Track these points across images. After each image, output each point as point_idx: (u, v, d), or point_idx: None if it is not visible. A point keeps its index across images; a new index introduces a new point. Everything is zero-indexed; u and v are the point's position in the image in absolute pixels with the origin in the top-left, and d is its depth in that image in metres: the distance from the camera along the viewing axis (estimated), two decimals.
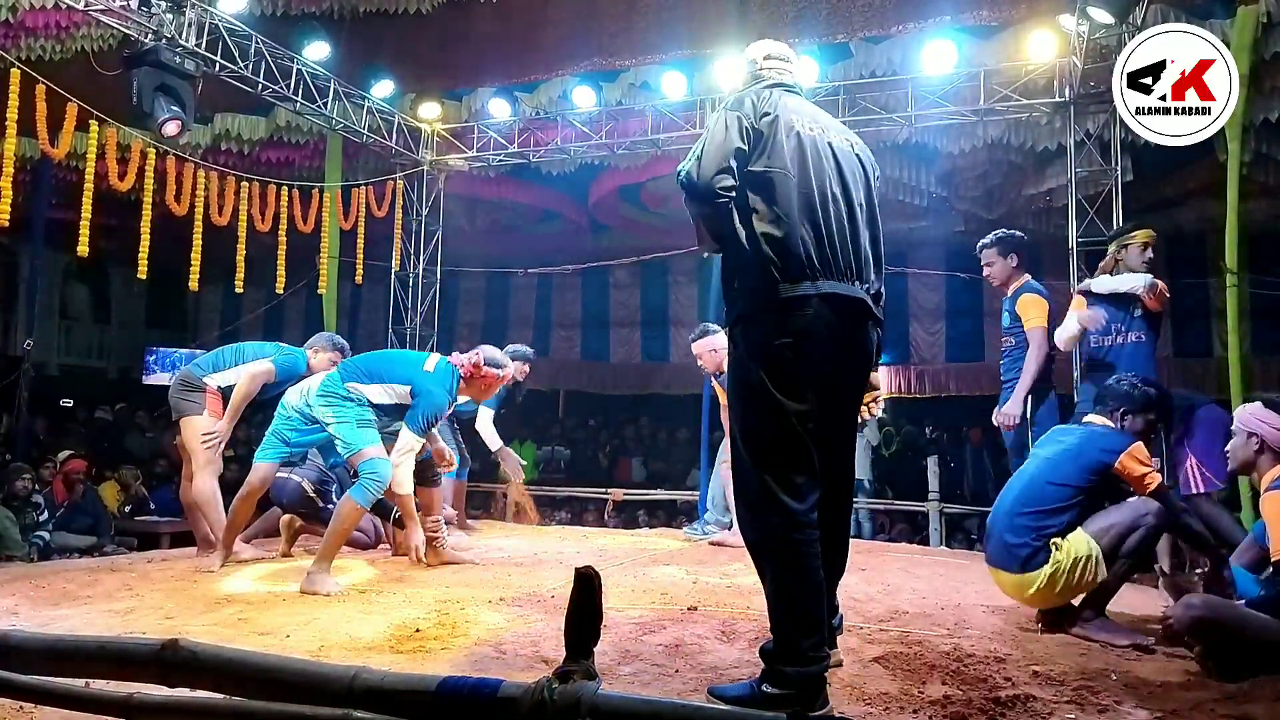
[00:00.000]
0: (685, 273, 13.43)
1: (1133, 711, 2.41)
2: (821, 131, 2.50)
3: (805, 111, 2.53)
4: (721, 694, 2.34)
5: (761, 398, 2.33)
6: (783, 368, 2.32)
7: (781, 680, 2.24)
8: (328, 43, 7.85)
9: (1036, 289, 4.90)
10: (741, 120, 2.40)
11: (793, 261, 2.32)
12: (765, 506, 2.32)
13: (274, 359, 4.86)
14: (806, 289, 2.32)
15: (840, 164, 2.49)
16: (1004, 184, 10.01)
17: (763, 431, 2.35)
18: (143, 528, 8.12)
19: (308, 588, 3.76)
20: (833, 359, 2.38)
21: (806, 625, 2.28)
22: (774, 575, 2.34)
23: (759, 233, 2.36)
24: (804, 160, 2.40)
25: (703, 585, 3.94)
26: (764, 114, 2.41)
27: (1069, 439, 3.46)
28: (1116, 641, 3.13)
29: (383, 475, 3.98)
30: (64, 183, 9.82)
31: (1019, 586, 3.27)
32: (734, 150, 2.36)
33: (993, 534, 3.39)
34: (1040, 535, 3.20)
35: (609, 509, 9.74)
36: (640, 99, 8.86)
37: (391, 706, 1.79)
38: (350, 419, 4.06)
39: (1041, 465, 3.40)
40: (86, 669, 2.06)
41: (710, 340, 5.48)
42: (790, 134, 2.41)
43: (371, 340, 13.46)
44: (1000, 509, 3.41)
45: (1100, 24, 6.51)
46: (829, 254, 2.36)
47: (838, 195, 2.43)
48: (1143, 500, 3.25)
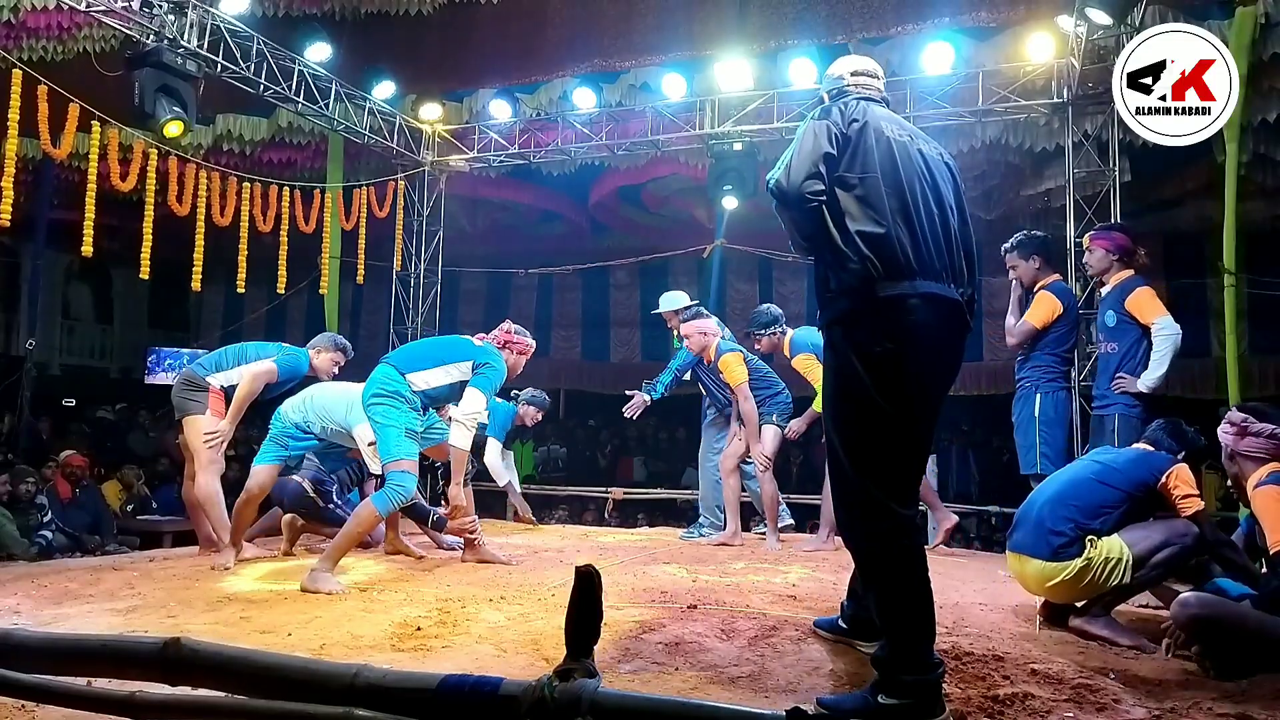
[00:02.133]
0: (685, 273, 13.41)
1: (1131, 710, 2.42)
2: (910, 138, 2.49)
3: (894, 120, 2.52)
4: (836, 706, 2.26)
5: (866, 403, 2.29)
6: (887, 372, 2.28)
7: (899, 689, 2.19)
8: (329, 44, 7.86)
9: (1058, 289, 4.82)
10: (830, 128, 2.38)
11: (890, 260, 2.29)
12: (874, 514, 2.29)
13: (276, 359, 4.87)
14: (905, 288, 2.28)
15: (930, 169, 2.47)
16: (1002, 184, 10.01)
17: (868, 438, 2.31)
18: (145, 527, 8.13)
19: (310, 585, 3.75)
20: (931, 362, 2.36)
21: (922, 631, 2.25)
22: (887, 583, 2.30)
23: (854, 231, 2.32)
24: (895, 164, 2.37)
25: (702, 584, 3.95)
26: (852, 120, 2.41)
27: (1122, 454, 3.53)
28: (1120, 640, 3.15)
29: (408, 490, 3.98)
30: (66, 183, 9.84)
31: (1042, 575, 3.26)
32: (823, 155, 2.34)
33: (1027, 520, 3.39)
34: (1079, 529, 3.23)
35: (609, 508, 9.75)
36: (640, 100, 8.86)
37: (393, 704, 1.80)
38: (400, 425, 4.02)
39: (1093, 466, 3.44)
40: (89, 668, 2.07)
41: (700, 323, 5.46)
42: (880, 139, 2.39)
43: (373, 340, 13.47)
44: (1041, 497, 3.43)
45: (1098, 25, 6.51)
46: (926, 254, 2.33)
47: (930, 198, 2.41)
48: (1185, 523, 3.28)
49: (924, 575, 2.30)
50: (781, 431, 5.38)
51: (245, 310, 13.75)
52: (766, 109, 8.29)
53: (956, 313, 2.40)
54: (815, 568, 4.40)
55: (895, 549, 2.29)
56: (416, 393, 4.13)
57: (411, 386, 4.12)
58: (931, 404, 2.42)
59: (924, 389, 2.35)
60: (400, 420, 4.03)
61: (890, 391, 2.27)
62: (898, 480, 2.31)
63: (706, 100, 8.45)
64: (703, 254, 10.81)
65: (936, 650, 2.31)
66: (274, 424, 4.71)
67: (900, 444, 2.31)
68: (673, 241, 11.78)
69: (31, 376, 10.16)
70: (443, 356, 4.25)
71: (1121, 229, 4.81)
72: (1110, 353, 4.63)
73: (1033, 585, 3.37)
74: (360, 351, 5.94)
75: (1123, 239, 4.68)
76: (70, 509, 7.62)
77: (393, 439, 4.00)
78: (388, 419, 4.03)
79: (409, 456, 4.01)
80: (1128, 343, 4.53)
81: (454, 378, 4.22)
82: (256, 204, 8.07)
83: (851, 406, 2.33)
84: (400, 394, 4.09)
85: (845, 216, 2.34)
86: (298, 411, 4.65)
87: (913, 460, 2.38)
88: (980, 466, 10.95)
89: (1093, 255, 4.75)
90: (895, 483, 2.30)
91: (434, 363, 4.21)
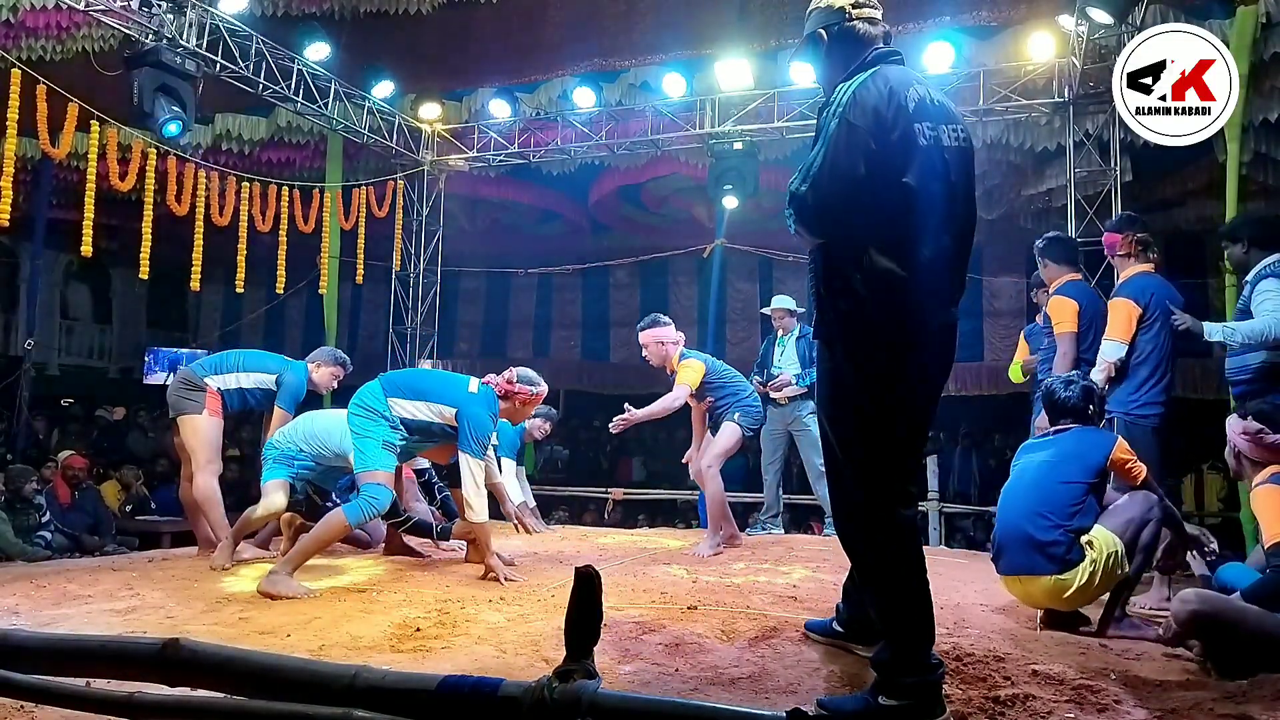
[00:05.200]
0: (685, 273, 13.43)
1: (1132, 710, 2.41)
2: (937, 139, 2.31)
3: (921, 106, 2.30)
4: (836, 707, 2.25)
5: (866, 411, 2.28)
6: (883, 377, 2.27)
7: (900, 690, 2.19)
8: (328, 43, 7.86)
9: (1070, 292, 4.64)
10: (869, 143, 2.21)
11: (901, 305, 2.25)
12: (874, 517, 2.29)
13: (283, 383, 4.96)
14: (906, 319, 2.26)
15: (950, 171, 2.34)
16: (1003, 184, 10.02)
17: (867, 442, 2.30)
18: (144, 527, 8.13)
19: (267, 588, 3.66)
20: (926, 366, 2.35)
21: (922, 633, 2.25)
22: (888, 585, 2.30)
23: (872, 271, 2.24)
24: (924, 185, 2.26)
25: (702, 585, 3.94)
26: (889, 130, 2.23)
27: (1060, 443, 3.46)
28: (1146, 635, 3.21)
29: (381, 502, 3.97)
30: (65, 183, 9.84)
31: (1056, 589, 3.22)
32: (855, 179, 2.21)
33: (1013, 542, 3.31)
34: (1068, 532, 3.22)
35: (609, 508, 9.75)
36: (640, 99, 8.87)
37: (392, 705, 1.79)
38: (378, 437, 4.02)
39: (1044, 469, 3.39)
40: (88, 668, 2.07)
41: (659, 331, 5.23)
42: (911, 149, 2.25)
43: (372, 340, 13.48)
44: (1014, 515, 3.35)
45: (1099, 24, 6.52)
46: (934, 289, 2.30)
47: (941, 210, 2.32)
48: (1144, 496, 3.33)
49: (923, 576, 2.30)
50: (741, 430, 5.18)
51: (244, 310, 13.76)
52: (767, 108, 8.30)
53: (949, 322, 2.41)
54: (816, 568, 4.39)
55: (894, 550, 2.29)
56: (395, 415, 4.12)
57: (391, 409, 4.11)
58: (928, 405, 2.42)
59: (920, 392, 2.35)
60: (378, 433, 4.04)
61: (887, 395, 2.27)
62: (896, 481, 2.30)
63: (706, 99, 8.46)
64: (703, 253, 10.82)
65: (937, 651, 2.31)
66: (268, 451, 4.70)
67: (898, 445, 2.31)
68: (673, 241, 11.78)
69: (30, 376, 10.16)
70: (429, 392, 4.19)
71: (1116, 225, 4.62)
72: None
73: (1045, 601, 3.33)
74: (360, 351, 5.95)
75: (1109, 237, 4.55)
76: (69, 510, 7.62)
77: (369, 450, 4.01)
78: (365, 430, 4.05)
79: (384, 468, 4.01)
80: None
81: (434, 416, 4.16)
82: (255, 204, 8.07)
83: (849, 409, 2.33)
84: (378, 411, 4.09)
85: (867, 251, 2.24)
86: (285, 438, 4.64)
87: (910, 461, 2.38)
88: (980, 466, 10.97)
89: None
90: (894, 483, 2.30)
91: (418, 396, 4.17)
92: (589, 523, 9.18)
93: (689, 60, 8.47)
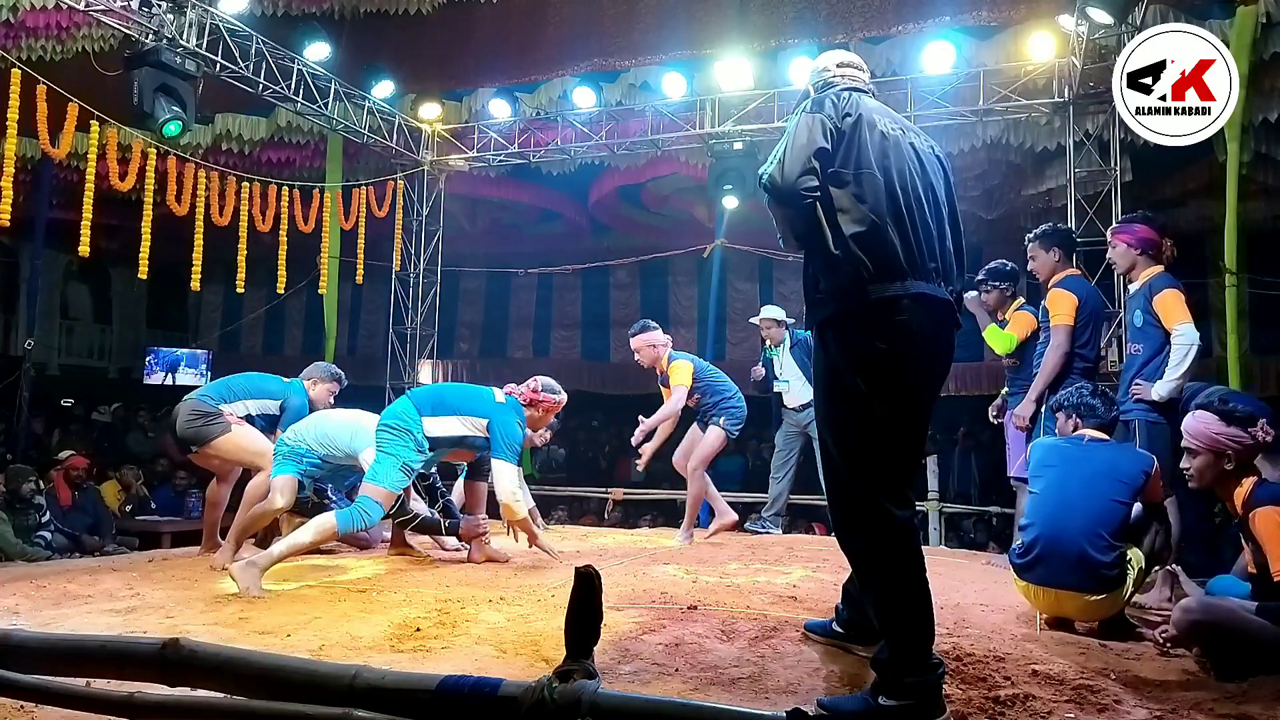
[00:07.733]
0: (685, 273, 13.44)
1: (1132, 710, 2.41)
2: (902, 132, 2.44)
3: (885, 112, 2.47)
4: (836, 707, 2.23)
5: (860, 406, 2.27)
6: (881, 374, 2.25)
7: (900, 690, 2.18)
8: (328, 43, 7.86)
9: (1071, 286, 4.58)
10: (824, 122, 2.32)
11: (882, 261, 2.25)
12: (872, 518, 2.27)
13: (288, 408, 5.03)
14: (897, 289, 2.25)
15: (923, 163, 2.43)
16: (1003, 184, 10.02)
17: (863, 441, 2.28)
18: (143, 527, 8.12)
19: (234, 570, 3.71)
20: (923, 361, 2.34)
21: (922, 632, 2.24)
22: (886, 585, 2.28)
23: (847, 233, 2.27)
24: (888, 160, 2.33)
25: (702, 585, 3.94)
26: (845, 114, 2.35)
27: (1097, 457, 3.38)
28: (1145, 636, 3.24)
29: (372, 518, 4.05)
30: (65, 183, 9.84)
31: (1096, 606, 3.19)
32: (817, 150, 2.29)
33: (1064, 556, 3.19)
34: (1118, 551, 3.20)
35: (609, 508, 9.74)
36: (640, 99, 8.87)
37: (392, 705, 1.79)
38: (400, 457, 4.13)
39: (1091, 484, 3.29)
40: (88, 668, 2.07)
41: (649, 335, 5.52)
42: (874, 132, 2.34)
43: (372, 340, 13.47)
44: (1070, 530, 3.22)
45: (1099, 24, 6.52)
46: (917, 253, 2.30)
47: (922, 195, 2.37)
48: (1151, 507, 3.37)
49: (923, 576, 2.29)
50: (725, 434, 5.42)
51: (244, 310, 13.76)
52: (767, 108, 8.30)
53: (947, 311, 2.39)
54: (816, 568, 4.39)
55: (893, 550, 2.27)
56: (428, 437, 4.25)
57: (424, 430, 4.24)
58: (925, 403, 2.41)
59: (917, 388, 2.34)
60: (402, 454, 4.14)
61: (883, 392, 2.26)
62: (893, 481, 2.29)
63: (706, 100, 8.46)
64: (703, 254, 10.82)
65: (937, 651, 2.30)
66: (278, 447, 4.73)
67: (894, 444, 2.29)
68: (673, 241, 11.78)
69: (30, 376, 10.16)
70: (462, 407, 4.38)
71: (1145, 220, 4.48)
72: (1135, 354, 4.32)
73: (1075, 614, 3.30)
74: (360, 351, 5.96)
75: (1145, 231, 4.38)
76: (69, 510, 7.62)
77: (386, 466, 4.10)
78: (391, 449, 4.15)
79: (391, 489, 4.09)
80: (1153, 346, 4.19)
81: (466, 430, 4.36)
82: (255, 203, 8.07)
83: (844, 408, 2.32)
84: (410, 432, 4.20)
85: (839, 215, 2.30)
86: (297, 436, 4.66)
87: (908, 460, 2.36)
88: (980, 466, 10.96)
89: (1115, 251, 4.46)
90: (891, 484, 2.28)
91: (452, 411, 4.35)
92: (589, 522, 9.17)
93: (689, 60, 8.47)
